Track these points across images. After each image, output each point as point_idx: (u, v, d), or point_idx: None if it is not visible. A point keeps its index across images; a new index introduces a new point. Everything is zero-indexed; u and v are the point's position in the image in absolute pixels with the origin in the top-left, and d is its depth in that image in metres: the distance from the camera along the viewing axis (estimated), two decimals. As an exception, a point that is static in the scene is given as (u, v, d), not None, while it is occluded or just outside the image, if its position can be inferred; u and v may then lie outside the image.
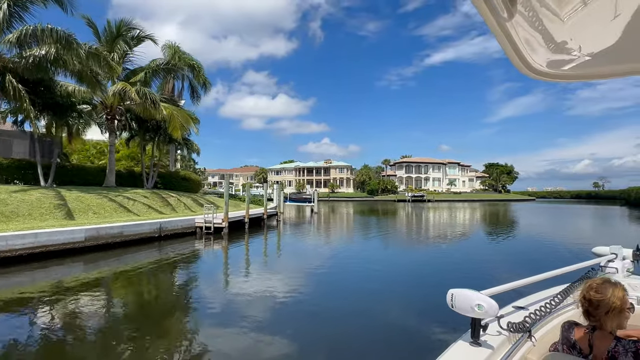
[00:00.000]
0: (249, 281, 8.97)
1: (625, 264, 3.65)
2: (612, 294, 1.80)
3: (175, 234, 15.57)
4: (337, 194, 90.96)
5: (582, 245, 14.80)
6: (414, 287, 8.87)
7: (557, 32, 1.03)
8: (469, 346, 1.90)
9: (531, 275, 2.74)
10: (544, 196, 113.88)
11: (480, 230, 23.37)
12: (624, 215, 37.87)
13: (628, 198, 64.13)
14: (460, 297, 1.93)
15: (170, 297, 8.06)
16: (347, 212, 40.67)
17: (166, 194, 19.74)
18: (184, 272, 10.24)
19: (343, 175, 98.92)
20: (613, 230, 24.01)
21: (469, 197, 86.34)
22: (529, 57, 1.13)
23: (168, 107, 19.15)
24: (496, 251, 15.12)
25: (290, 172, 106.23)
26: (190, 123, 20.32)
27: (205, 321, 6.27)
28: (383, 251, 15.07)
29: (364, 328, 5.79)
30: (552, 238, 18.64)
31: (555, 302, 2.55)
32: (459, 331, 2.11)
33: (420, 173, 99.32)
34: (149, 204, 17.40)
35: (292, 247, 15.57)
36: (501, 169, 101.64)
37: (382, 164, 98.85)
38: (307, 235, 19.53)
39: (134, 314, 6.75)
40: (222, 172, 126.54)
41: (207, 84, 26.44)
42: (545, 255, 13.38)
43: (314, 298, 7.71)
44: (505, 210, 47.76)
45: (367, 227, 25.06)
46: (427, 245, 16.90)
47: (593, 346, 1.80)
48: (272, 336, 5.48)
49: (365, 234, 20.51)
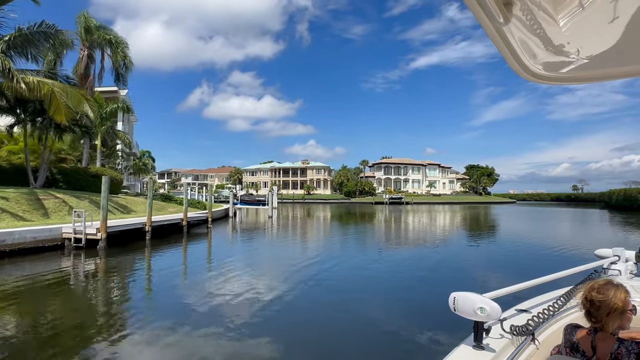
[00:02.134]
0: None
1: (628, 266, 3.63)
2: (613, 295, 1.80)
3: (23, 249, 11.22)
4: (313, 195, 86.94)
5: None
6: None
7: (554, 35, 1.04)
8: (472, 350, 1.90)
9: (533, 278, 2.69)
10: (525, 199, 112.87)
11: (461, 236, 19.71)
12: (606, 219, 35.07)
13: (609, 201, 62.17)
14: (462, 300, 1.92)
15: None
16: (315, 217, 36.52)
17: (48, 195, 15.29)
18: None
19: (320, 177, 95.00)
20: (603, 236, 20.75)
21: (449, 199, 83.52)
22: (527, 61, 1.14)
23: (47, 82, 14.71)
24: (478, 259, 13.19)
25: (266, 172, 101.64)
26: (83, 105, 15.88)
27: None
28: (345, 280, 9.44)
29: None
30: (538, 248, 15.02)
31: (559, 304, 2.54)
32: (462, 335, 2.08)
33: (399, 174, 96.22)
34: (5, 208, 12.96)
35: (195, 274, 10.10)
36: (482, 171, 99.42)
37: (361, 164, 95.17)
38: (236, 252, 15.17)
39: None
40: (195, 172, 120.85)
41: (128, 63, 22.01)
42: (539, 262, 12.21)
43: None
44: (485, 213, 44.60)
45: (330, 238, 19.42)
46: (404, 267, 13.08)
47: (596, 348, 1.80)
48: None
49: (326, 250, 15.07)
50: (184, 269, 10.97)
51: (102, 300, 7.79)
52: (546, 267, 8.09)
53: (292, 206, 61.54)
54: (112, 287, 8.82)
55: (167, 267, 11.23)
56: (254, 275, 9.69)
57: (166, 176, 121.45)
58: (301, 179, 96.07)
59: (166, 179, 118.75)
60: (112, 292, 8.31)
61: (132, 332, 5.62)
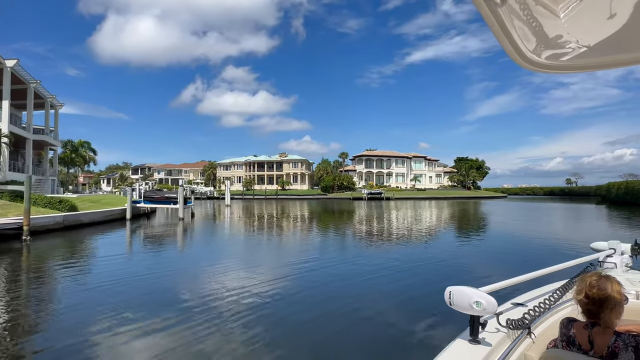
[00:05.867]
0: None
1: (623, 259, 3.66)
2: (611, 288, 1.80)
3: None
4: (288, 191, 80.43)
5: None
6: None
7: (553, 22, 1.03)
8: (468, 344, 1.88)
9: (529, 272, 2.68)
10: (517, 193, 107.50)
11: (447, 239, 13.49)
12: (612, 217, 28.87)
13: (607, 195, 56.11)
14: (458, 294, 1.91)
15: None
16: (264, 218, 29.84)
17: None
18: None
19: (297, 171, 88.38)
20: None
21: (434, 194, 77.22)
22: (525, 48, 1.11)
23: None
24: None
25: (240, 166, 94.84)
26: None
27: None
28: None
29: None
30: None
31: (554, 298, 2.53)
32: (458, 329, 2.05)
33: (382, 168, 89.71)
34: None
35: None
36: (470, 163, 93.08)
37: (340, 157, 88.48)
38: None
39: None
40: (169, 167, 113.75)
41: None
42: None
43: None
44: (473, 210, 38.33)
45: (257, 259, 11.81)
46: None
47: (593, 342, 1.79)
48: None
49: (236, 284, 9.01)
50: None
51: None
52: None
53: (259, 203, 54.97)
54: None
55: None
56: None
57: (140, 171, 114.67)
58: (277, 173, 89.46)
59: (139, 174, 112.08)
60: None
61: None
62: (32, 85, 31.19)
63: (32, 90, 31.39)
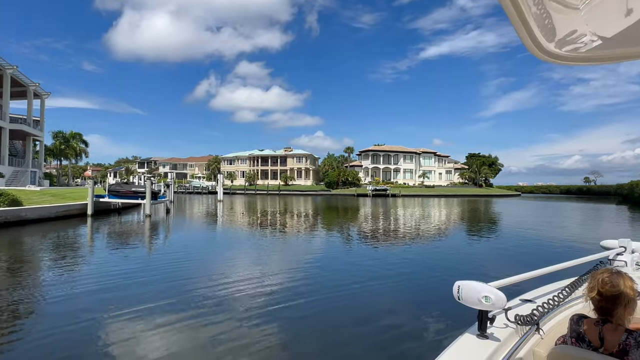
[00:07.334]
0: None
1: (634, 257, 3.59)
2: (624, 285, 1.74)
3: None
4: (291, 186, 78.18)
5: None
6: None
7: (572, 13, 1.03)
8: (476, 339, 1.86)
9: (538, 269, 2.63)
10: (532, 191, 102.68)
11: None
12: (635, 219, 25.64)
13: (629, 194, 52.05)
14: (467, 289, 1.88)
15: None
16: (255, 216, 27.61)
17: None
18: None
19: (302, 166, 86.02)
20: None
21: (443, 191, 73.78)
22: (543, 40, 1.12)
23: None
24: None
25: (244, 161, 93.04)
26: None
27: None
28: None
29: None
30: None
31: (564, 295, 2.51)
32: (466, 324, 2.01)
33: (389, 163, 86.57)
34: None
35: None
36: (482, 160, 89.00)
37: (345, 152, 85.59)
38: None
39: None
40: (174, 161, 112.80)
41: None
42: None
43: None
44: (483, 208, 35.38)
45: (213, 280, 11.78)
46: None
47: (604, 339, 1.74)
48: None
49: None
50: None
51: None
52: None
53: (259, 199, 52.89)
54: None
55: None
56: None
57: (146, 165, 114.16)
58: (282, 168, 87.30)
59: (146, 167, 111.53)
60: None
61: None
62: (8, 71, 29.47)
63: (9, 76, 29.66)
